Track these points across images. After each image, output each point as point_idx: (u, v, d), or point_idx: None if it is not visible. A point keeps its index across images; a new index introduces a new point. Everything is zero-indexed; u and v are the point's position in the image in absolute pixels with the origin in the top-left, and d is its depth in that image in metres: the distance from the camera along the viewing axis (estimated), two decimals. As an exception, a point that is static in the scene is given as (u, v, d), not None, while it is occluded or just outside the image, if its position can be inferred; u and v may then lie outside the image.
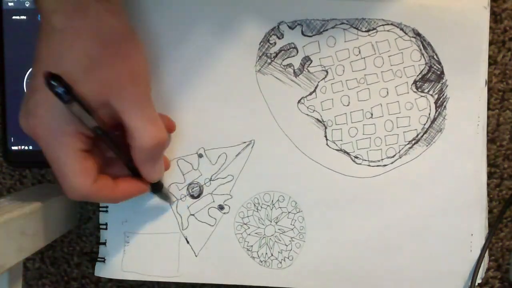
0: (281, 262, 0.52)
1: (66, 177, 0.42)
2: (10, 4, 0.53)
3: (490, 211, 0.54)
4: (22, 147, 0.54)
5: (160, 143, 0.44)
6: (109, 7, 0.42)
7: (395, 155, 0.52)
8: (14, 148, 0.54)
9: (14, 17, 0.53)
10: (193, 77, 0.52)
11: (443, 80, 0.51)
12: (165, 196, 0.52)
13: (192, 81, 0.52)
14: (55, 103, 0.38)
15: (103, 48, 0.41)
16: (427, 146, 0.52)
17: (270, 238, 0.52)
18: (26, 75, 0.54)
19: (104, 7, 0.42)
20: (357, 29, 0.51)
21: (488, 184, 0.53)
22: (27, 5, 0.53)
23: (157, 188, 0.50)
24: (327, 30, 0.51)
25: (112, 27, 0.42)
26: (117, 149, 0.44)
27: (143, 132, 0.42)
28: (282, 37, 0.51)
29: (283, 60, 0.52)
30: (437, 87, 0.51)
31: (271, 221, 0.52)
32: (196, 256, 0.52)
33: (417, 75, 0.51)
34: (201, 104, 0.52)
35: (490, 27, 0.53)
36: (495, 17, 0.54)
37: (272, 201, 0.52)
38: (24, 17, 0.53)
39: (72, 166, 0.42)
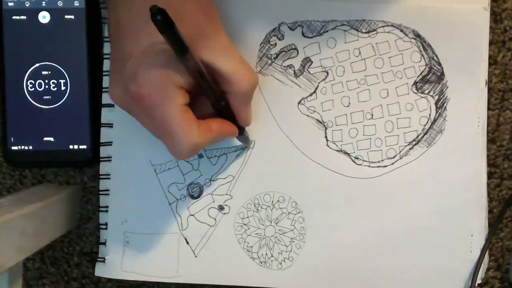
0: (281, 263, 0.52)
1: (178, 133, 0.42)
2: (10, 4, 0.53)
3: (490, 211, 0.54)
4: (22, 147, 0.54)
5: (254, 85, 0.46)
6: None
7: (395, 156, 0.52)
8: (14, 148, 0.54)
9: (14, 17, 0.53)
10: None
11: (444, 81, 0.51)
12: (246, 139, 0.52)
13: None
14: (153, 62, 0.40)
15: (183, 2, 0.42)
16: (427, 147, 0.52)
17: (270, 239, 0.52)
18: (26, 75, 0.54)
19: None
20: (357, 30, 0.51)
21: (488, 184, 0.53)
22: (27, 5, 0.53)
23: (241, 131, 0.50)
24: (327, 31, 0.51)
25: None
26: (213, 94, 0.45)
27: (241, 75, 0.44)
28: (283, 38, 0.51)
29: (283, 61, 0.52)
30: (438, 88, 0.51)
31: (271, 222, 0.52)
32: (196, 256, 0.52)
33: (417, 76, 0.51)
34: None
35: (490, 27, 0.52)
36: (495, 17, 0.54)
37: (272, 201, 0.52)
38: (24, 17, 0.53)
39: (179, 122, 0.42)
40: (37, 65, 0.54)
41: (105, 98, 0.53)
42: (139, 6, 0.41)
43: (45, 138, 0.54)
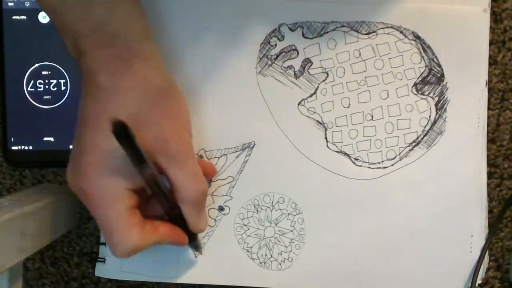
0: (280, 264, 0.52)
1: (116, 235, 0.43)
2: (10, 4, 0.53)
3: (490, 211, 0.55)
4: (22, 147, 0.54)
5: (202, 195, 0.46)
6: (152, 64, 0.43)
7: (395, 157, 0.52)
8: (14, 148, 0.54)
9: (14, 17, 0.53)
10: (193, 78, 0.51)
11: (444, 83, 0.51)
12: (197, 246, 0.52)
13: (192, 82, 0.51)
14: (106, 164, 0.40)
15: (150, 107, 0.42)
16: (427, 148, 0.51)
17: (270, 240, 0.52)
18: (26, 75, 0.54)
19: (148, 65, 0.43)
20: (357, 31, 0.51)
21: (488, 184, 0.53)
22: (27, 5, 0.53)
23: (193, 238, 0.50)
24: (327, 32, 0.51)
25: (157, 85, 0.43)
26: (167, 202, 0.45)
27: (187, 186, 0.44)
28: (283, 39, 0.51)
29: (283, 62, 0.52)
30: (438, 90, 0.51)
31: (271, 223, 0.52)
32: (196, 257, 0.52)
33: (417, 78, 0.51)
34: (201, 105, 0.52)
35: (490, 27, 0.52)
36: (495, 17, 0.54)
37: (272, 202, 0.52)
38: (24, 17, 0.53)
39: (123, 225, 0.42)
40: (37, 65, 0.54)
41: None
42: (103, 102, 0.41)
43: (45, 138, 0.54)
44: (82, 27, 0.41)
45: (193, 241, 0.50)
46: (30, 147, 0.54)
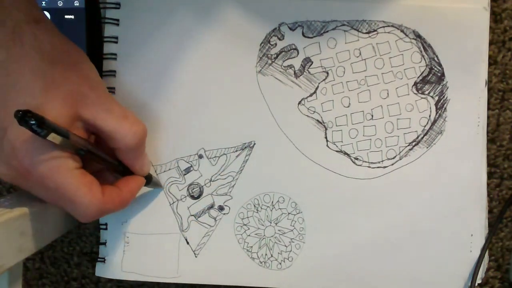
0: (280, 263, 0.52)
1: (75, 200, 0.40)
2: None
3: (490, 211, 0.55)
4: (22, 147, 0.54)
5: (142, 138, 0.44)
6: (43, 27, 0.41)
7: (395, 156, 0.52)
8: (14, 148, 0.54)
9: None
10: (193, 77, 0.52)
11: (444, 82, 0.51)
12: (156, 184, 0.51)
13: (192, 82, 0.52)
14: (31, 134, 0.37)
15: (52, 66, 0.40)
16: (427, 147, 0.52)
17: (270, 239, 0.52)
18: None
19: (38, 27, 0.41)
20: (357, 30, 0.51)
21: (488, 184, 0.53)
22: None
23: (148, 179, 0.49)
24: (327, 31, 0.51)
25: (53, 44, 0.41)
26: (104, 160, 0.44)
27: (122, 131, 0.42)
28: (283, 38, 0.51)
29: (283, 61, 0.52)
30: (438, 89, 0.51)
31: (271, 222, 0.52)
32: (196, 256, 0.52)
33: (418, 77, 0.51)
34: (201, 104, 0.52)
35: (490, 27, 0.53)
36: (495, 17, 0.54)
37: (272, 202, 0.52)
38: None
39: (77, 187, 0.40)
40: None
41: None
42: (2, 78, 0.39)
43: (45, 138, 0.54)
44: None
45: (149, 183, 0.50)
46: (30, 147, 0.54)
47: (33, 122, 0.35)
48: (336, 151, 0.52)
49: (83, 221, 0.43)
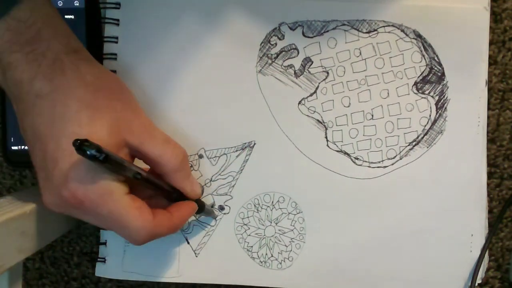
0: (281, 263, 0.52)
1: (127, 225, 0.41)
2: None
3: (490, 211, 0.55)
4: (22, 147, 0.54)
5: (184, 159, 0.45)
6: (81, 56, 0.42)
7: (395, 156, 0.52)
8: (14, 148, 0.54)
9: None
10: (194, 77, 0.52)
11: (444, 82, 0.51)
12: (209, 212, 0.52)
13: (192, 82, 0.52)
14: (82, 164, 0.38)
15: (96, 93, 0.41)
16: (427, 147, 0.52)
17: (270, 239, 0.52)
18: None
19: (77, 57, 0.41)
20: (358, 30, 0.51)
21: (488, 184, 0.53)
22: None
23: (201, 207, 0.49)
24: (328, 31, 0.51)
25: (94, 73, 0.42)
26: (157, 186, 0.44)
27: (168, 155, 0.44)
28: (283, 38, 0.51)
29: (284, 61, 0.52)
30: (438, 89, 0.51)
31: (271, 222, 0.52)
32: (196, 256, 0.52)
33: (418, 77, 0.51)
34: (201, 104, 0.52)
35: (490, 27, 0.53)
36: (495, 17, 0.54)
37: (272, 202, 0.52)
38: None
39: (128, 211, 0.41)
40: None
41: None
42: (48, 110, 0.40)
43: (45, 138, 0.54)
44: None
45: (202, 211, 0.50)
46: (30, 147, 0.54)
47: (92, 150, 0.35)
48: (336, 151, 0.52)
49: (136, 244, 0.43)
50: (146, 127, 0.44)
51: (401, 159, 0.52)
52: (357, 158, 0.52)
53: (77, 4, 0.53)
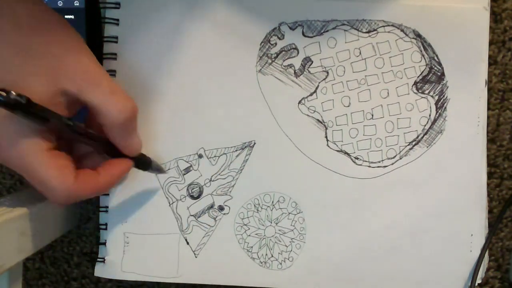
0: (281, 263, 0.52)
1: (44, 182, 0.39)
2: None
3: (490, 211, 0.55)
4: (22, 147, 0.54)
5: (129, 113, 0.42)
6: None
7: (395, 156, 0.52)
8: (13, 148, 0.54)
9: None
10: (193, 77, 0.52)
11: (444, 81, 0.51)
12: (157, 169, 0.50)
13: (192, 81, 0.52)
14: (7, 116, 0.36)
15: (31, 37, 0.38)
16: (427, 147, 0.52)
17: (270, 239, 0.52)
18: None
19: None
20: (357, 30, 0.51)
21: (488, 184, 0.53)
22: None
23: (146, 164, 0.48)
24: (327, 31, 0.51)
25: (30, 14, 0.39)
26: (90, 138, 0.42)
27: (109, 106, 0.40)
28: (283, 38, 0.51)
29: (283, 61, 0.52)
30: (438, 88, 0.51)
31: (271, 222, 0.52)
32: (196, 257, 0.52)
33: (418, 76, 0.51)
34: (201, 104, 0.52)
35: (490, 27, 0.53)
36: (495, 17, 0.54)
37: (273, 202, 0.52)
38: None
39: (46, 168, 0.39)
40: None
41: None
42: None
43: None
44: None
45: (149, 167, 0.48)
46: (30, 147, 0.54)
47: (1, 98, 0.33)
48: (337, 150, 0.52)
49: (54, 204, 0.41)
50: (89, 74, 0.40)
51: (401, 158, 0.52)
52: (357, 158, 0.52)
53: (77, 4, 0.53)
